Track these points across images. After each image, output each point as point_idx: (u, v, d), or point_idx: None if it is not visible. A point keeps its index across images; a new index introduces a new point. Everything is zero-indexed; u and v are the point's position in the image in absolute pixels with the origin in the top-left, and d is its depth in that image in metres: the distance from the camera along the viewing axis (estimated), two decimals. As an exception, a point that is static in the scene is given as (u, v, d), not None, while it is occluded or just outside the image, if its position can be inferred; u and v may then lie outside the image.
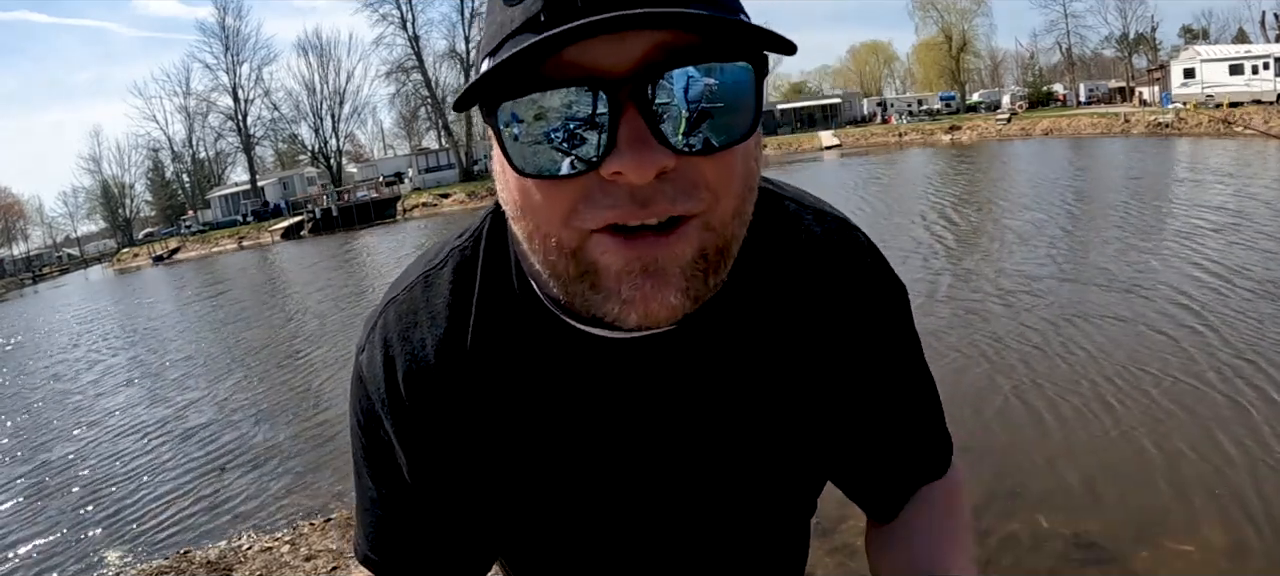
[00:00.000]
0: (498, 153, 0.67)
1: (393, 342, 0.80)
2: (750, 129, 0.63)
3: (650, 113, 0.58)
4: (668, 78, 0.58)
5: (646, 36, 0.58)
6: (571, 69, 0.58)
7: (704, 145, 0.61)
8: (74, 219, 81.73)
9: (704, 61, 0.59)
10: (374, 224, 44.39)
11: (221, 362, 12.35)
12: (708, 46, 0.59)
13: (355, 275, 21.49)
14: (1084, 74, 58.45)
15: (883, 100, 63.11)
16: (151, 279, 38.08)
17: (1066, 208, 14.75)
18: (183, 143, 68.09)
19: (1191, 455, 4.61)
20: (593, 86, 0.58)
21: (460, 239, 0.84)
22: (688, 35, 0.59)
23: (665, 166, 0.60)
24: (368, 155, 71.40)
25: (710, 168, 0.62)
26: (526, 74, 0.59)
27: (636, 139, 0.59)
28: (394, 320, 0.81)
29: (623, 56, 0.58)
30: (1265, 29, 49.79)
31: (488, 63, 0.63)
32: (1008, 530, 4.07)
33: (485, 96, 0.62)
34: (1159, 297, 7.84)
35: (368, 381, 0.82)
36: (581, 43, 0.57)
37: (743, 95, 0.61)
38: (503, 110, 0.60)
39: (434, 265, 0.82)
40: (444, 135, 60.51)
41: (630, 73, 0.58)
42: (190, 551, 5.22)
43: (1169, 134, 30.44)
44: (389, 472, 0.84)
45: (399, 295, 0.82)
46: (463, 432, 0.79)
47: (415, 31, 58.40)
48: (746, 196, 0.67)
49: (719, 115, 0.61)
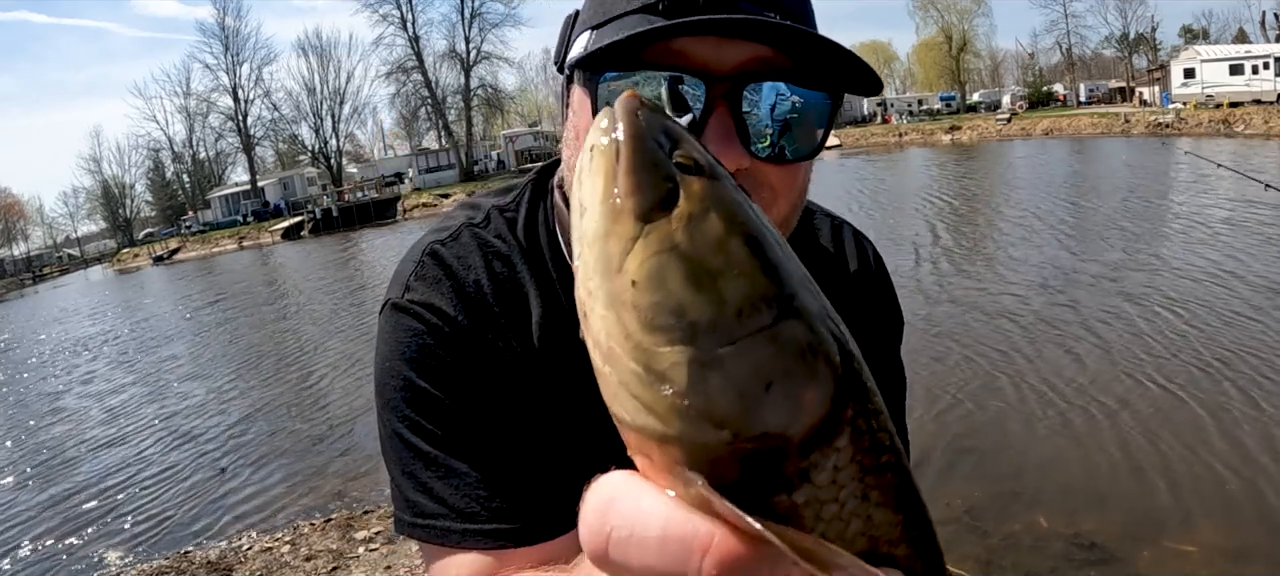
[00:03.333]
0: (578, 119, 0.72)
1: (443, 278, 0.80)
2: (817, 149, 0.71)
3: (739, 114, 0.66)
4: (759, 88, 0.66)
5: (749, 47, 0.65)
6: (678, 58, 0.65)
7: (776, 155, 0.68)
8: (74, 219, 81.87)
9: (793, 82, 0.67)
10: (374, 224, 44.40)
11: (221, 363, 12.35)
12: (798, 71, 0.67)
13: (355, 275, 21.49)
14: (1084, 74, 58.46)
15: (883, 100, 63.06)
16: (152, 279, 38.08)
17: (1067, 208, 14.75)
18: (183, 143, 68.14)
19: (1192, 455, 4.61)
20: (695, 77, 0.65)
21: (502, 199, 0.87)
22: (782, 57, 0.66)
23: (742, 165, 0.66)
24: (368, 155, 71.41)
25: (776, 175, 0.69)
26: (634, 54, 0.65)
27: (724, 134, 0.65)
28: (444, 258, 0.81)
29: (725, 59, 0.65)
30: (1265, 29, 49.81)
31: (590, 34, 0.70)
32: (1008, 530, 4.07)
33: (589, 66, 0.68)
34: (1160, 297, 7.84)
35: (424, 311, 0.78)
36: (695, 38, 0.64)
37: (817, 120, 0.70)
38: (605, 82, 0.67)
39: (477, 221, 0.84)
40: (444, 135, 60.50)
41: (729, 74, 0.65)
42: (190, 551, 5.22)
43: (1169, 134, 30.42)
44: (466, 410, 0.76)
45: (444, 241, 0.82)
46: (499, 377, 0.78)
47: (415, 31, 58.39)
48: (797, 205, 0.75)
49: (794, 132, 0.69)
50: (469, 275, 0.79)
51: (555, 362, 0.79)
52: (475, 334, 0.77)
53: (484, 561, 0.74)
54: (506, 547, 0.73)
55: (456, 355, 0.76)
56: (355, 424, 7.40)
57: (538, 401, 0.78)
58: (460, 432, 0.75)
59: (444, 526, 0.74)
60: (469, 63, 57.74)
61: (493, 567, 0.74)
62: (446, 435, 0.75)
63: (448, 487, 0.74)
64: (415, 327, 0.77)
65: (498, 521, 0.73)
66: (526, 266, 0.81)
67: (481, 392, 0.76)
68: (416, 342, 0.77)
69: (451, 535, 0.74)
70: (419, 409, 0.75)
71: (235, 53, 61.86)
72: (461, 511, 0.73)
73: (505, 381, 0.77)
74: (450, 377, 0.75)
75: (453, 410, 0.75)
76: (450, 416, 0.75)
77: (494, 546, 0.73)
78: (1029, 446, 5.02)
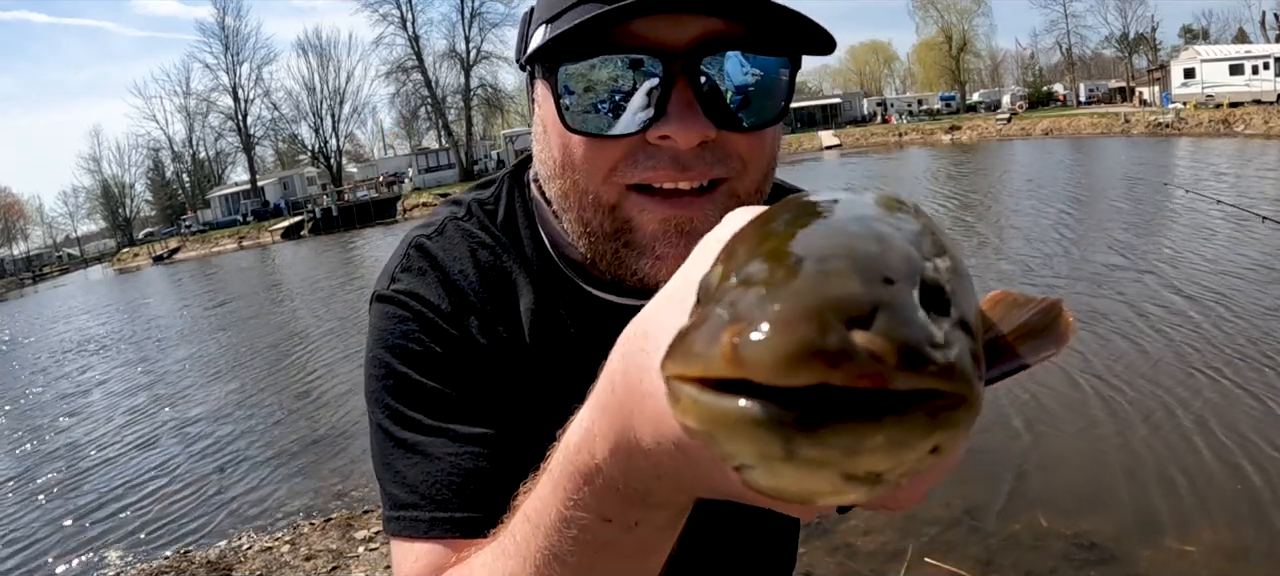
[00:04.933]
0: (543, 112, 0.74)
1: (428, 270, 0.79)
2: (780, 114, 0.72)
3: (699, 87, 0.67)
4: (717, 58, 0.67)
5: (702, 21, 0.66)
6: (633, 40, 0.66)
7: (741, 123, 0.69)
8: (74, 219, 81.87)
9: (749, 50, 0.68)
10: (374, 224, 44.39)
11: (221, 363, 12.34)
12: (752, 38, 0.68)
13: (356, 275, 21.48)
14: (1084, 74, 58.46)
15: (883, 100, 63.10)
16: (151, 279, 38.07)
17: (1066, 207, 14.74)
18: (183, 142, 68.13)
19: (1193, 455, 4.61)
20: (652, 56, 0.66)
21: (481, 194, 0.87)
22: (736, 26, 0.67)
23: (708, 136, 0.68)
24: (368, 155, 71.42)
25: (743, 143, 0.70)
26: (589, 41, 0.66)
27: (686, 108, 0.66)
28: (429, 250, 0.81)
29: (679, 35, 0.66)
30: (1265, 29, 49.82)
31: (546, 29, 0.71)
32: (1008, 530, 4.07)
33: (546, 58, 0.69)
34: (1160, 297, 7.83)
35: (410, 300, 0.77)
36: (646, 18, 0.65)
37: (778, 84, 0.71)
38: (563, 70, 0.68)
39: (460, 215, 0.85)
40: (444, 135, 60.50)
41: (685, 49, 0.66)
42: (190, 551, 5.22)
43: (1169, 134, 30.43)
44: (450, 398, 0.74)
45: (429, 235, 0.82)
46: (486, 364, 0.77)
47: (415, 31, 58.39)
48: (768, 174, 0.75)
49: (756, 99, 0.69)
50: (455, 265, 0.79)
51: (545, 350, 0.79)
52: (461, 321, 0.77)
53: (440, 551, 0.70)
54: (475, 539, 0.67)
55: (442, 341, 0.75)
56: (355, 424, 7.40)
57: (526, 389, 0.77)
58: (442, 417, 0.73)
59: (413, 517, 0.71)
60: (469, 62, 57.75)
61: (447, 557, 0.69)
62: (427, 420, 0.73)
63: (422, 475, 0.71)
64: (399, 315, 0.76)
65: (470, 510, 0.70)
66: (511, 257, 0.81)
67: (467, 378, 0.75)
68: (400, 329, 0.76)
69: (419, 525, 0.70)
70: (401, 397, 0.74)
71: (235, 52, 61.90)
72: (432, 499, 0.70)
73: (493, 368, 0.76)
74: (434, 363, 0.74)
75: (435, 395, 0.74)
76: (432, 401, 0.73)
77: (459, 536, 0.69)
78: (1029, 446, 5.02)
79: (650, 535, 0.49)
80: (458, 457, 0.72)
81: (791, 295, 0.27)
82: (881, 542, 4.02)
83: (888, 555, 3.92)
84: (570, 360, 0.78)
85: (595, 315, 0.79)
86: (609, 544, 0.48)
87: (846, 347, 0.26)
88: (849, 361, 0.26)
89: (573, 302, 0.80)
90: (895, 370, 0.26)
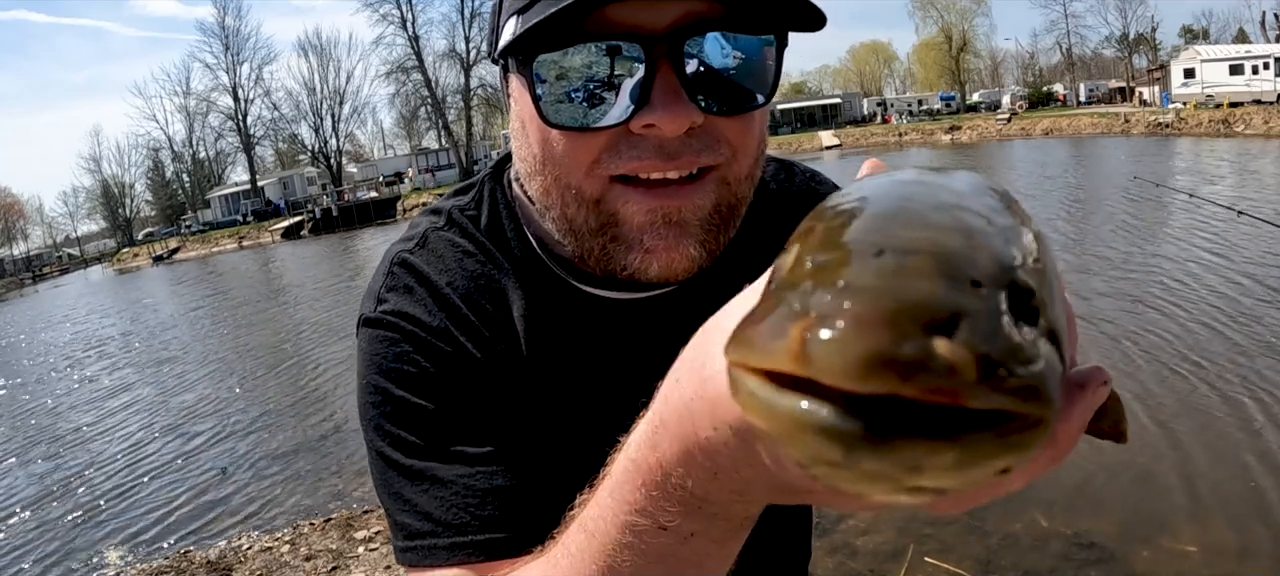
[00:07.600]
0: (520, 108, 0.70)
1: (415, 286, 0.76)
2: (769, 94, 0.68)
3: (683, 72, 0.63)
4: (699, 41, 0.63)
5: (680, 2, 0.62)
6: (609, 26, 0.62)
7: (728, 106, 0.65)
8: (74, 219, 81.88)
9: (731, 30, 0.64)
10: (374, 224, 44.39)
11: (221, 363, 12.34)
12: (733, 17, 0.64)
13: (356, 275, 21.48)
14: (1084, 74, 58.46)
15: (883, 100, 63.11)
16: (151, 279, 38.07)
17: (1066, 206, 14.75)
18: (183, 142, 68.23)
19: (1192, 455, 4.61)
20: (631, 42, 0.62)
21: (460, 199, 0.83)
22: (716, 6, 0.63)
23: (695, 122, 0.64)
24: (368, 155, 71.45)
25: (730, 128, 0.67)
26: (564, 30, 0.62)
27: (671, 94, 0.62)
28: (413, 265, 0.78)
29: (658, 18, 0.62)
30: (1265, 29, 49.80)
31: (516, 20, 0.66)
32: (1008, 530, 4.07)
33: (519, 50, 0.65)
34: (1159, 296, 7.83)
35: (400, 321, 0.74)
36: (622, 2, 0.61)
37: (764, 64, 0.66)
38: (539, 62, 0.64)
39: (440, 225, 0.81)
40: (444, 135, 60.52)
41: (666, 32, 0.62)
42: (190, 551, 5.22)
43: (1169, 134, 30.43)
44: (452, 417, 0.71)
45: (411, 249, 0.79)
46: (485, 378, 0.75)
47: (415, 31, 58.41)
48: (758, 159, 0.72)
49: (742, 80, 0.65)
50: (442, 278, 0.76)
51: (542, 354, 0.77)
52: (455, 336, 0.73)
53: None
54: (498, 560, 0.67)
55: (437, 360, 0.72)
56: (355, 424, 7.36)
57: (528, 396, 0.75)
58: (446, 439, 0.70)
59: (430, 545, 0.68)
60: (469, 62, 57.71)
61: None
62: (431, 444, 0.70)
63: (434, 501, 0.68)
64: (390, 337, 0.73)
65: (490, 531, 0.68)
66: (498, 262, 0.78)
67: (467, 395, 0.72)
68: (392, 352, 0.72)
69: (438, 552, 0.68)
70: (401, 422, 0.71)
71: (235, 52, 62.00)
72: (449, 524, 0.68)
73: (492, 380, 0.74)
74: (432, 384, 0.71)
75: (437, 417, 0.70)
76: (434, 424, 0.70)
77: (483, 559, 0.67)
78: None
79: (705, 548, 0.46)
80: (469, 478, 0.69)
81: (868, 294, 0.26)
82: (881, 542, 4.02)
83: (888, 555, 3.92)
84: (569, 360, 0.77)
85: (589, 312, 0.77)
86: (664, 554, 0.47)
87: (922, 358, 0.25)
88: (924, 373, 0.25)
89: (566, 302, 0.77)
90: (973, 387, 0.25)
